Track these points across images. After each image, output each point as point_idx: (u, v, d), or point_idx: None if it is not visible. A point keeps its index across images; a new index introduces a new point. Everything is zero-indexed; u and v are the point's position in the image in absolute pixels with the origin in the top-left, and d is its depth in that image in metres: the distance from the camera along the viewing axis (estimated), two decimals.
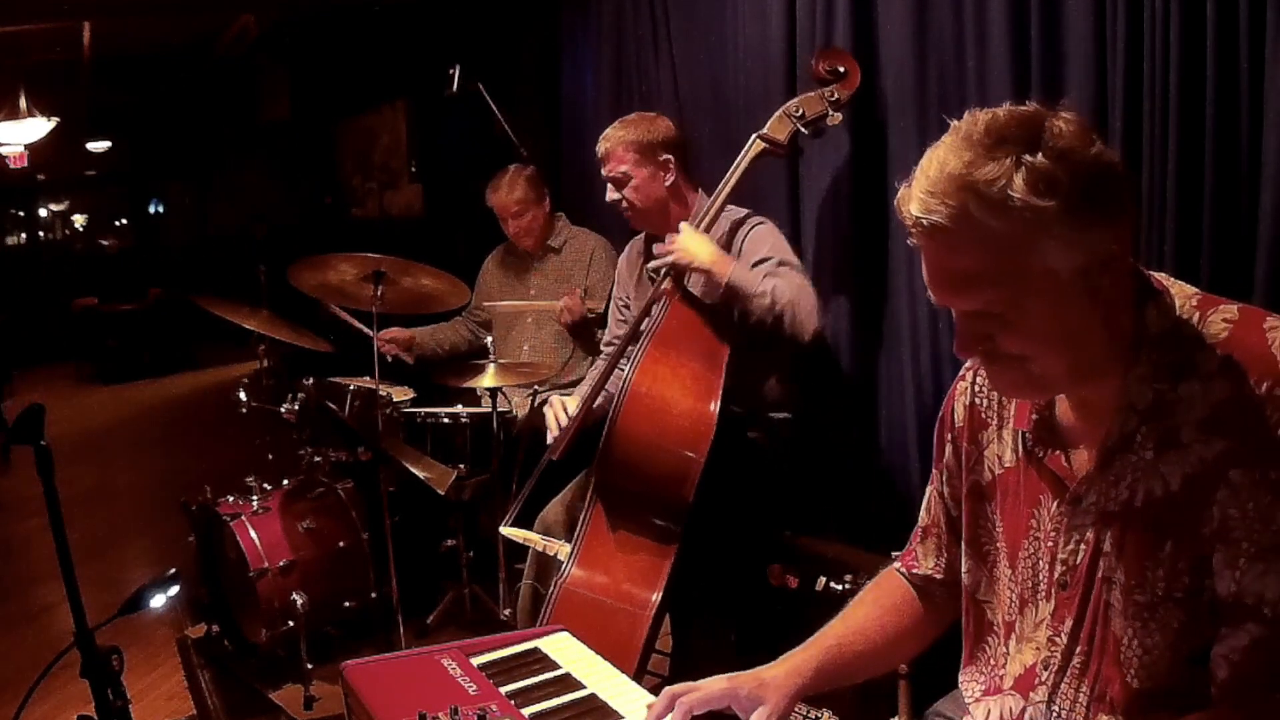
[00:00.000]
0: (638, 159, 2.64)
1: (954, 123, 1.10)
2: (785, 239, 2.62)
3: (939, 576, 1.46)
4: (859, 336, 2.74)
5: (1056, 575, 1.23)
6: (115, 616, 1.77)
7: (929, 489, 1.48)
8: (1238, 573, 1.06)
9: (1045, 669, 1.24)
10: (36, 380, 9.44)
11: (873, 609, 1.48)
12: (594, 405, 2.61)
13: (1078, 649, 1.21)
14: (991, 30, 2.23)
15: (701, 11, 3.24)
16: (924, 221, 1.06)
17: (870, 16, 2.57)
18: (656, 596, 2.23)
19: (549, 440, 2.63)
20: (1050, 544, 1.24)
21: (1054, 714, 1.23)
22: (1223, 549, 1.07)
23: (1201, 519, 1.08)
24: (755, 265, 2.52)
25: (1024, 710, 1.27)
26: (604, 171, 2.69)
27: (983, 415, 1.35)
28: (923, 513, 1.49)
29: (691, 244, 2.45)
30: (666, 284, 2.53)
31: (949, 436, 1.40)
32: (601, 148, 2.68)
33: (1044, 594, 1.25)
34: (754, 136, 2.51)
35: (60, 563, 1.68)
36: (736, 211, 2.65)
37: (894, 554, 2.26)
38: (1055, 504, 1.23)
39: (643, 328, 2.49)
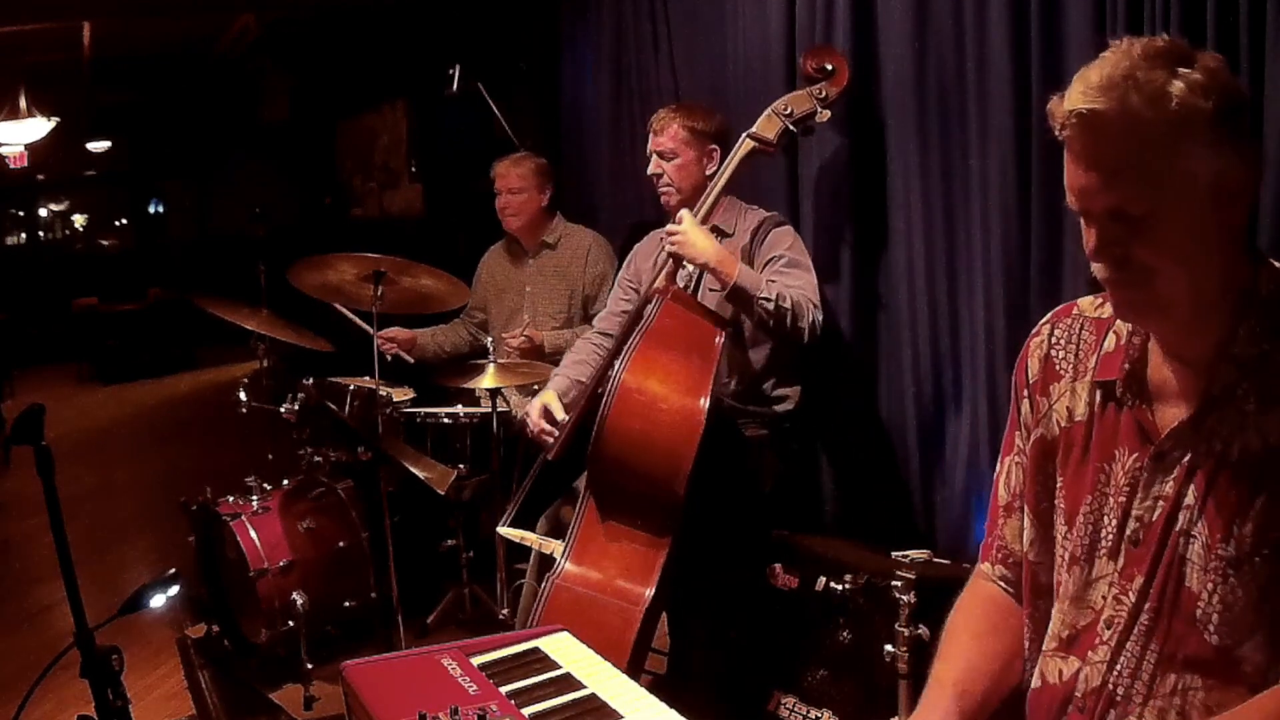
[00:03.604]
0: (689, 139, 2.73)
1: (1112, 42, 1.15)
2: (803, 243, 2.69)
3: (1033, 557, 1.35)
4: (859, 335, 2.74)
5: (1129, 531, 1.20)
6: (115, 616, 1.77)
7: (1004, 461, 1.40)
8: None
9: (1109, 629, 1.20)
10: (36, 380, 9.43)
11: (972, 641, 1.39)
12: (580, 399, 2.62)
13: (1146, 605, 1.17)
14: (991, 29, 2.23)
15: (701, 11, 3.24)
16: (1082, 110, 1.10)
17: (870, 16, 2.58)
18: (649, 592, 2.22)
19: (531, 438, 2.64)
20: (1122, 499, 1.21)
21: (1116, 674, 1.19)
22: None
23: None
24: (767, 263, 2.58)
25: (1078, 672, 1.23)
26: (652, 144, 2.77)
27: (1057, 368, 1.32)
28: (1000, 490, 1.41)
29: (696, 238, 2.47)
30: (660, 282, 2.56)
31: (1024, 394, 1.36)
32: (657, 122, 2.77)
33: (1106, 551, 1.22)
34: (743, 135, 2.54)
35: (60, 563, 1.68)
36: (759, 211, 2.73)
37: (894, 553, 2.27)
38: (1133, 458, 1.21)
39: (635, 326, 2.50)
